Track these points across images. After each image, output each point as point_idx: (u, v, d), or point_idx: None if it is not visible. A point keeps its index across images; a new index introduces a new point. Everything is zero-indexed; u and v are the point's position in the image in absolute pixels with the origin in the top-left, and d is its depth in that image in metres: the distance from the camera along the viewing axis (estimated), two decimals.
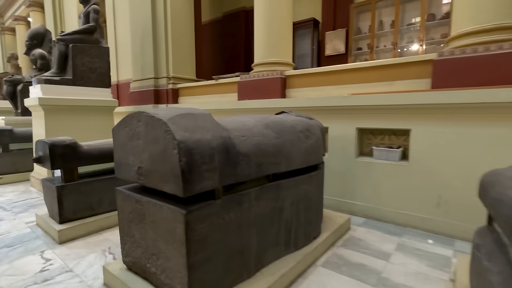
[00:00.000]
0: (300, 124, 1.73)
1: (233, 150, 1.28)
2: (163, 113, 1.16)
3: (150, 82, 4.45)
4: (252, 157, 1.36)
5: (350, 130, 2.55)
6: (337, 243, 2.03)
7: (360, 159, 2.51)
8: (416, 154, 2.23)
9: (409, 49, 4.95)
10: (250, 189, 1.38)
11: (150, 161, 1.20)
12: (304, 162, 1.69)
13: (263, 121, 1.58)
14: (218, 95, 3.81)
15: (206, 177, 1.15)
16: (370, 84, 2.56)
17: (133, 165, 1.29)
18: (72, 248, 1.97)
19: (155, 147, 1.16)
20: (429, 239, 2.10)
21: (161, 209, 1.20)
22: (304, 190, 1.71)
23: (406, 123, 2.26)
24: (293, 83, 3.05)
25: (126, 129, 1.30)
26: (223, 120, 1.51)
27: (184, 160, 1.06)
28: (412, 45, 4.87)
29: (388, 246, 1.98)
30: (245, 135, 1.39)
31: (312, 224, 1.82)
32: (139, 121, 1.22)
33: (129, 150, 1.30)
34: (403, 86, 2.36)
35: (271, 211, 1.51)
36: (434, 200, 2.17)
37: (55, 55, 3.61)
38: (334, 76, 2.76)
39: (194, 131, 1.16)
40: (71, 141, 2.16)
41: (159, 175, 1.17)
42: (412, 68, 2.32)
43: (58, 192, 2.10)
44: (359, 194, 2.54)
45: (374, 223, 2.40)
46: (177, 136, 1.07)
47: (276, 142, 1.52)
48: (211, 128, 1.24)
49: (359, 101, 2.40)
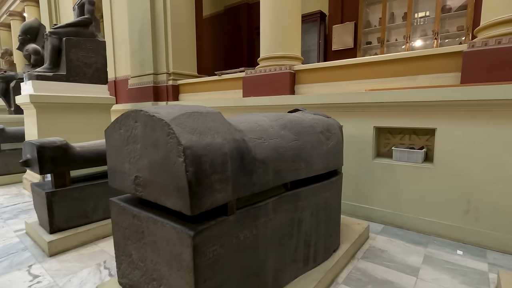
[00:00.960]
0: (320, 123, 1.53)
1: (249, 155, 1.08)
2: (164, 112, 0.95)
3: (149, 78, 4.23)
4: (269, 163, 1.16)
5: (367, 129, 2.34)
6: (357, 254, 1.84)
7: (378, 161, 2.31)
8: (442, 155, 2.03)
9: (422, 43, 4.72)
10: (267, 201, 1.18)
11: (150, 169, 0.99)
12: (325, 167, 1.49)
13: (279, 121, 1.37)
14: (221, 92, 3.60)
15: (218, 189, 0.95)
16: (388, 79, 2.35)
17: (130, 173, 1.09)
18: (64, 262, 1.77)
19: (156, 154, 0.95)
20: (458, 249, 1.90)
21: (163, 228, 0.99)
22: (325, 198, 1.51)
23: (431, 121, 2.06)
24: (303, 79, 2.84)
25: (121, 130, 1.10)
26: (233, 119, 1.30)
27: (192, 170, 0.86)
28: (426, 39, 4.63)
29: (414, 259, 1.78)
30: (261, 137, 1.18)
31: (332, 236, 1.62)
32: (136, 121, 1.02)
33: (125, 156, 1.10)
34: (427, 81, 2.15)
35: (289, 223, 1.32)
36: (462, 206, 1.97)
37: (48, 50, 3.39)
38: (348, 70, 2.55)
39: (202, 134, 0.95)
40: (62, 143, 1.95)
41: (160, 187, 0.97)
42: (437, 61, 2.11)
43: (48, 199, 1.90)
44: (376, 199, 2.34)
45: (394, 230, 2.20)
46: (183, 140, 0.87)
47: (295, 144, 1.32)
48: (222, 130, 1.03)
49: (378, 97, 2.19)
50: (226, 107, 3.32)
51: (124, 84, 4.87)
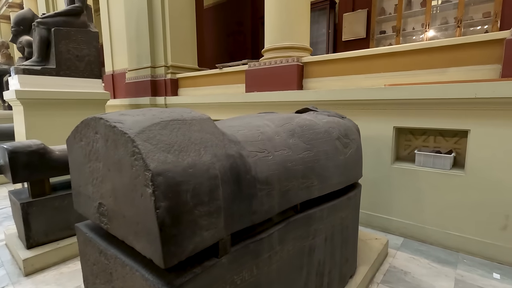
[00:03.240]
0: (336, 127, 1.26)
1: (247, 176, 0.82)
2: (131, 121, 0.70)
3: (147, 71, 3.98)
4: (274, 183, 0.90)
5: (386, 130, 2.06)
6: (376, 277, 1.59)
7: (398, 165, 2.04)
8: (475, 161, 1.74)
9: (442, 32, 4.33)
10: (272, 229, 0.93)
11: (114, 197, 0.74)
12: (342, 181, 1.23)
13: (287, 126, 1.11)
14: (222, 86, 3.33)
15: (204, 225, 0.70)
16: (411, 72, 2.05)
17: (93, 199, 0.84)
18: (39, 284, 1.55)
19: (120, 178, 0.70)
20: (494, 271, 1.63)
21: (132, 275, 0.75)
22: (341, 218, 1.25)
23: (463, 122, 1.77)
24: (312, 72, 2.55)
25: (82, 143, 0.84)
26: (230, 124, 1.04)
27: (164, 206, 0.61)
28: (447, 27, 4.24)
29: (443, 284, 1.52)
30: (264, 149, 0.92)
31: (348, 260, 1.36)
32: (96, 132, 0.76)
33: (87, 176, 0.85)
34: (458, 74, 1.85)
35: (298, 253, 1.06)
36: (499, 221, 1.70)
37: (36, 41, 3.15)
38: (363, 62, 2.26)
39: (183, 150, 0.70)
40: (39, 146, 1.72)
41: (127, 223, 0.72)
42: (471, 51, 1.80)
43: (23, 211, 1.68)
44: (395, 208, 2.07)
45: (416, 245, 1.94)
46: (152, 163, 0.61)
47: (307, 156, 1.05)
48: (211, 143, 0.77)
49: (399, 93, 1.90)
50: (228, 103, 3.06)
51: (122, 78, 4.63)
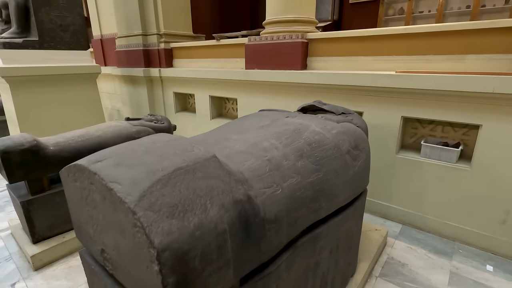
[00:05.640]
0: (346, 139, 1.18)
1: (256, 219, 0.78)
2: (129, 180, 0.63)
3: (138, 39, 3.69)
4: (283, 218, 0.86)
5: (393, 119, 1.98)
6: (374, 270, 1.65)
7: (402, 155, 2.00)
8: (483, 158, 1.71)
9: None
10: (279, 260, 0.92)
11: (118, 253, 0.71)
12: (349, 196, 1.20)
13: (295, 145, 1.04)
14: (220, 60, 3.12)
15: (213, 282, 0.68)
16: (425, 57, 1.90)
17: (95, 241, 0.81)
18: (50, 279, 1.60)
19: (123, 240, 0.66)
20: (487, 263, 1.70)
21: None
22: (346, 229, 1.25)
23: (475, 116, 1.69)
24: (318, 50, 2.37)
25: (76, 183, 0.78)
26: (230, 145, 0.97)
27: (173, 282, 0.58)
28: None
29: (439, 277, 1.59)
30: (273, 183, 0.87)
31: (351, 264, 1.40)
32: (92, 183, 0.70)
33: (86, 217, 0.80)
34: (477, 63, 1.72)
35: (304, 271, 1.07)
36: (499, 216, 1.72)
37: (12, 9, 2.85)
38: (374, 43, 2.08)
39: (188, 210, 0.64)
40: (31, 144, 1.64)
41: (133, 278, 0.69)
42: (494, 37, 1.65)
43: (24, 209, 1.67)
44: (396, 197, 2.09)
45: (413, 233, 2.00)
46: (157, 237, 0.56)
47: (316, 179, 1.00)
48: (217, 190, 0.72)
49: (411, 82, 1.78)
50: (227, 80, 2.90)
51: (112, 43, 4.31)
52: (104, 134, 1.97)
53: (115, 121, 2.21)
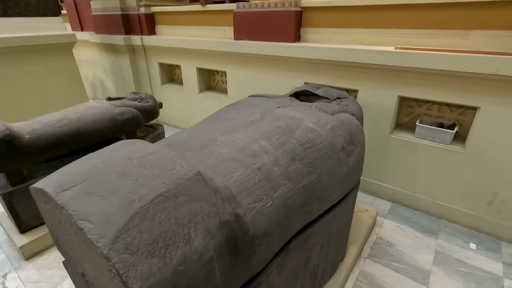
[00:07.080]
0: (341, 134, 1.11)
1: (245, 237, 0.74)
2: (101, 218, 0.56)
3: (115, 2, 3.34)
4: (274, 230, 0.83)
5: (389, 98, 1.90)
6: (363, 251, 1.70)
7: (396, 136, 1.96)
8: (478, 140, 1.68)
9: None
10: (270, 268, 0.90)
11: (97, 282, 0.66)
12: (342, 193, 1.16)
13: (287, 146, 0.96)
14: (207, 28, 2.87)
15: None
16: (427, 31, 1.76)
17: (75, 263, 0.76)
18: (42, 269, 1.60)
19: (100, 274, 0.61)
20: (471, 241, 1.77)
21: None
22: (338, 224, 1.24)
23: (474, 98, 1.62)
24: (312, 20, 2.18)
25: (48, 206, 0.71)
26: (217, 150, 0.89)
27: None
28: None
29: (424, 257, 1.65)
30: (263, 195, 0.81)
31: (341, 251, 1.42)
32: (61, 214, 0.63)
33: (63, 239, 0.75)
34: (482, 39, 1.60)
35: (295, 269, 1.08)
36: (487, 197, 1.74)
37: None
38: (372, 14, 1.91)
39: (170, 244, 0.59)
40: (4, 133, 1.51)
41: None
42: (501, 11, 1.51)
43: (5, 201, 1.60)
44: (388, 176, 2.09)
45: (403, 211, 2.04)
46: (135, 285, 0.52)
47: (308, 182, 0.95)
48: (202, 214, 0.66)
49: (410, 61, 1.67)
50: (215, 51, 2.70)
51: (87, 5, 3.91)
52: (84, 118, 1.84)
53: (95, 101, 2.06)
